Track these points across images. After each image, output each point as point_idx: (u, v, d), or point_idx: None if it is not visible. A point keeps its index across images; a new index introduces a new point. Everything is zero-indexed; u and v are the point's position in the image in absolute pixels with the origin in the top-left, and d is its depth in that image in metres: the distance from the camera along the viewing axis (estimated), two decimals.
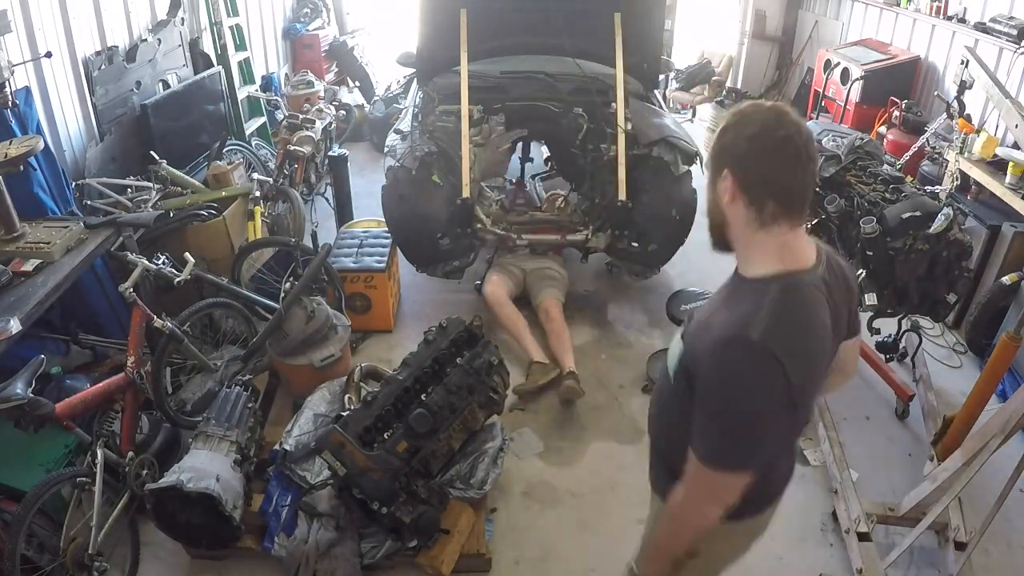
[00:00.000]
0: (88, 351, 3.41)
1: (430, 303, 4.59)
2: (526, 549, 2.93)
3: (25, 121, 3.24)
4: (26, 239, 3.03)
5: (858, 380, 3.96)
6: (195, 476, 2.52)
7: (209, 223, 3.87)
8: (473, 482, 2.91)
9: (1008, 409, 2.40)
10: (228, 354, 3.59)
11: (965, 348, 4.19)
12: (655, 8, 4.51)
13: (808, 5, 7.91)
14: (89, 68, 3.91)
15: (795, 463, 1.86)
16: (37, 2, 3.50)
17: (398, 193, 3.94)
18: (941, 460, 2.76)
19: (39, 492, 2.38)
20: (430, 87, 4.64)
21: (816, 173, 1.48)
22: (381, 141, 5.83)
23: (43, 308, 2.77)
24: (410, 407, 2.73)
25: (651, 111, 4.36)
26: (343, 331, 3.53)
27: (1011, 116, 3.53)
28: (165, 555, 2.86)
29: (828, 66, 6.44)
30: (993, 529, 2.60)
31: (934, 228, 3.00)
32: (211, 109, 5.04)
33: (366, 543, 2.70)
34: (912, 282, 3.14)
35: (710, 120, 7.40)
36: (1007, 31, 4.63)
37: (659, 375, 1.85)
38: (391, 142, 4.19)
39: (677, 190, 3.99)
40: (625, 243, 4.11)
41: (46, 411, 2.48)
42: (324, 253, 3.69)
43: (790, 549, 2.95)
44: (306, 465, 2.85)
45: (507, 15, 4.44)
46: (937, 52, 5.71)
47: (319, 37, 7.43)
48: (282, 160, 4.97)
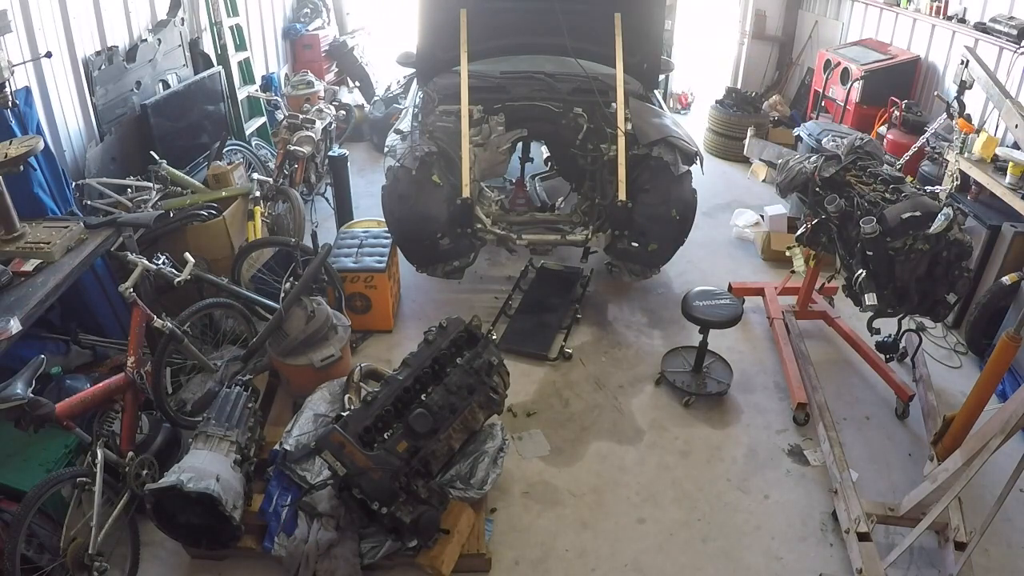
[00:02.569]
0: (88, 351, 3.42)
1: (430, 303, 4.59)
2: (526, 549, 2.94)
3: (25, 121, 3.24)
4: (26, 239, 3.03)
5: (858, 380, 3.97)
6: (195, 476, 2.52)
7: (209, 223, 3.87)
8: (473, 482, 2.91)
9: (1008, 409, 2.40)
10: (228, 354, 3.59)
11: (965, 348, 4.20)
12: (655, 8, 4.51)
13: (808, 5, 7.91)
14: (89, 68, 3.91)
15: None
16: (37, 2, 3.50)
17: (398, 193, 3.94)
18: (941, 460, 2.76)
19: (39, 492, 2.38)
20: (430, 87, 4.64)
21: None
22: (381, 141, 5.83)
23: (43, 308, 2.77)
24: (410, 407, 2.73)
25: (651, 111, 4.36)
26: (343, 331, 3.53)
27: (1011, 116, 3.53)
28: (165, 555, 2.86)
29: (828, 66, 6.44)
30: (993, 529, 2.60)
31: (934, 228, 3.00)
32: (211, 109, 5.04)
33: (366, 543, 2.70)
34: (912, 282, 3.13)
35: (709, 120, 7.39)
36: (1007, 31, 4.63)
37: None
38: (391, 142, 4.19)
39: (677, 190, 3.99)
40: (625, 243, 4.11)
41: (46, 411, 2.48)
42: (324, 253, 3.69)
43: (790, 549, 2.96)
44: (306, 465, 2.85)
45: (507, 15, 4.45)
46: (937, 52, 5.71)
47: (319, 37, 7.43)
48: (282, 160, 4.97)
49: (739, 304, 3.74)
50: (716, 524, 3.07)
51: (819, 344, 4.22)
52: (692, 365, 3.87)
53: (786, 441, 3.53)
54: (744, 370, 4.01)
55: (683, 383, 3.78)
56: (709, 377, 3.82)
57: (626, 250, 4.14)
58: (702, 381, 3.79)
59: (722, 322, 3.62)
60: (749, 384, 3.93)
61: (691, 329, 4.37)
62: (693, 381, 3.79)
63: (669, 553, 2.93)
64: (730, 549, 2.96)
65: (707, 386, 3.77)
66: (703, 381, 3.79)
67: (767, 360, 4.07)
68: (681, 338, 4.30)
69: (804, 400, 3.61)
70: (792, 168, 3.79)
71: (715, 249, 5.22)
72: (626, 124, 4.15)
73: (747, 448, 3.49)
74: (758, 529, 3.05)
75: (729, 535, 3.02)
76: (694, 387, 3.76)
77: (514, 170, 5.41)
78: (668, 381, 3.83)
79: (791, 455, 3.45)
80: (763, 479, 3.31)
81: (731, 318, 3.62)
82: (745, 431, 3.60)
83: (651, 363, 4.08)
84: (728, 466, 3.38)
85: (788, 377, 3.79)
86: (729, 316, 3.62)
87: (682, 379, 3.81)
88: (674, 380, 3.80)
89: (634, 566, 2.87)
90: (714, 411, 3.73)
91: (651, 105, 4.53)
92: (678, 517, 3.10)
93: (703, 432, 3.58)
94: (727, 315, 3.63)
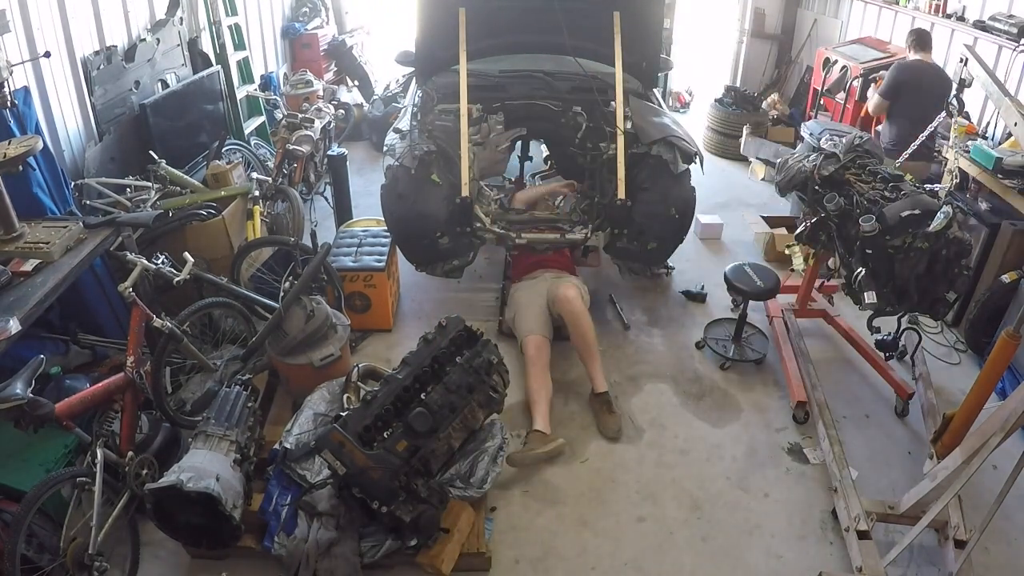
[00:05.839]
0: (88, 351, 3.41)
1: (429, 302, 4.59)
2: (526, 548, 2.94)
3: (24, 121, 3.24)
4: (25, 239, 3.02)
5: (858, 378, 3.97)
6: (195, 476, 2.51)
7: (208, 223, 3.87)
8: (473, 481, 2.91)
9: (1008, 407, 2.40)
10: (228, 353, 3.59)
11: (965, 346, 4.20)
12: (654, 6, 4.51)
13: (807, 3, 7.91)
14: (88, 68, 3.90)
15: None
16: (36, 2, 3.50)
17: (397, 192, 3.93)
18: (941, 458, 2.76)
19: (39, 492, 2.37)
20: (429, 86, 4.64)
21: None
22: (380, 140, 5.84)
23: (42, 308, 2.76)
24: (410, 406, 2.72)
25: (650, 110, 4.36)
26: (342, 330, 3.53)
27: (1010, 114, 3.53)
28: (165, 555, 2.86)
29: (827, 64, 6.44)
30: (993, 527, 2.60)
31: (933, 226, 2.99)
32: (210, 108, 5.04)
33: (366, 542, 2.70)
34: (911, 280, 3.13)
35: (708, 118, 7.39)
36: (1006, 29, 4.63)
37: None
38: (390, 141, 4.18)
39: (676, 189, 3.99)
40: (624, 242, 4.11)
41: (46, 411, 2.48)
42: (323, 252, 3.69)
43: (790, 547, 2.96)
44: (306, 464, 2.85)
45: (506, 14, 4.44)
46: (936, 50, 5.71)
47: (318, 36, 7.43)
48: (281, 159, 4.97)
49: (776, 278, 4.03)
50: (716, 522, 3.07)
51: (819, 342, 4.22)
52: (732, 334, 4.15)
53: (786, 439, 3.53)
54: (744, 368, 4.02)
55: (723, 349, 4.10)
56: (748, 347, 4.11)
57: (625, 249, 4.14)
58: (741, 349, 4.09)
59: (761, 293, 3.95)
60: (749, 382, 3.93)
61: (691, 328, 4.38)
62: (733, 348, 4.10)
63: (669, 552, 2.94)
64: (730, 547, 2.96)
65: (745, 353, 4.07)
66: (742, 349, 4.09)
67: (767, 358, 4.07)
68: (681, 336, 4.30)
69: (804, 398, 3.61)
70: (791, 167, 3.79)
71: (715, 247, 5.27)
72: (625, 123, 4.15)
73: (747, 446, 3.49)
74: (758, 527, 3.05)
75: (729, 533, 3.02)
76: (734, 354, 4.05)
77: (513, 169, 5.41)
78: (710, 347, 4.14)
79: (791, 453, 3.45)
80: (763, 477, 3.31)
81: (768, 290, 3.95)
82: (745, 429, 3.60)
83: (651, 361, 4.08)
84: (728, 464, 3.38)
85: (788, 375, 3.79)
86: (767, 289, 3.95)
87: (723, 345, 4.12)
88: (715, 346, 4.13)
89: (634, 565, 2.88)
90: (713, 410, 3.73)
91: (650, 104, 4.53)
92: (678, 515, 3.10)
93: (703, 430, 3.59)
94: (765, 288, 3.95)
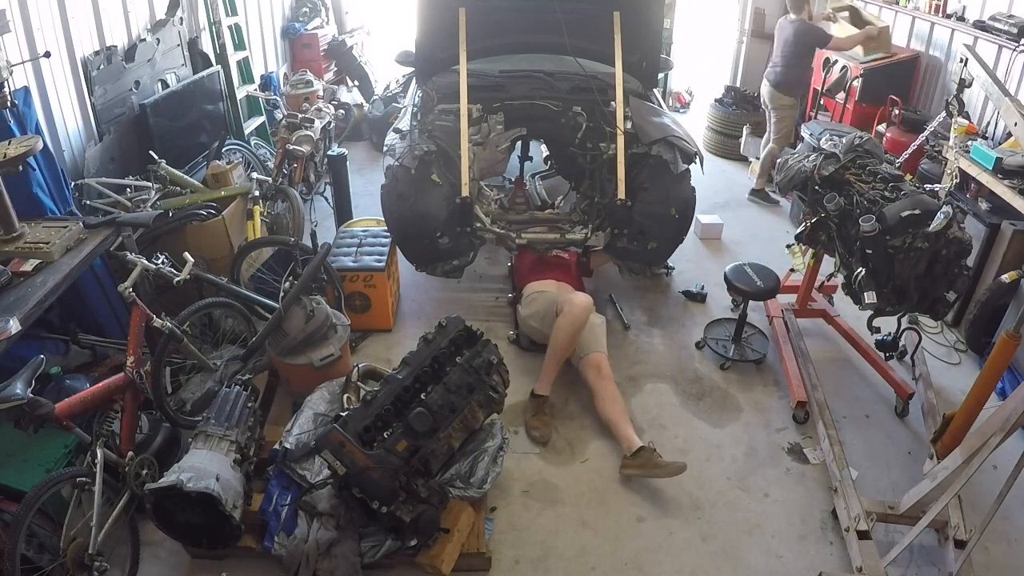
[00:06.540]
0: (88, 351, 3.41)
1: (429, 302, 4.59)
2: (526, 548, 2.94)
3: (24, 121, 3.24)
4: (25, 239, 3.02)
5: (858, 378, 3.97)
6: (195, 476, 2.51)
7: (208, 223, 3.87)
8: (473, 481, 2.91)
9: (1007, 407, 2.41)
10: (228, 354, 3.59)
11: (965, 346, 4.20)
12: (654, 6, 4.51)
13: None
14: (88, 68, 3.90)
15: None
16: (36, 2, 3.50)
17: (397, 192, 3.93)
18: (941, 458, 2.76)
19: (39, 492, 2.37)
20: (429, 86, 4.64)
21: None
22: (380, 140, 5.84)
23: (42, 308, 2.76)
24: (410, 406, 2.72)
25: (651, 110, 4.36)
26: (342, 330, 3.53)
27: (1010, 114, 3.53)
28: (165, 555, 2.86)
29: (827, 64, 6.44)
30: (993, 527, 2.60)
31: (933, 226, 2.99)
32: (210, 109, 5.04)
33: (366, 542, 2.69)
34: (911, 280, 3.13)
35: (708, 118, 7.39)
36: (1006, 29, 4.63)
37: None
38: (390, 141, 4.18)
39: (676, 188, 3.99)
40: (624, 242, 4.11)
41: (46, 411, 2.47)
42: (323, 252, 3.69)
43: (790, 547, 2.96)
44: (306, 464, 2.85)
45: (506, 14, 4.44)
46: (936, 50, 5.71)
47: (318, 36, 7.42)
48: (281, 159, 4.96)
49: (776, 278, 4.02)
50: (716, 522, 3.07)
51: (819, 342, 4.22)
52: (732, 334, 4.14)
53: (786, 439, 3.53)
54: (744, 369, 4.02)
55: (723, 349, 4.08)
56: (748, 347, 4.09)
57: (625, 249, 4.14)
58: (741, 349, 4.08)
59: (761, 293, 3.94)
60: (749, 382, 3.93)
61: (691, 328, 4.38)
62: (733, 348, 4.08)
63: (669, 552, 2.94)
64: (730, 547, 2.96)
65: (745, 353, 4.05)
66: (742, 349, 4.08)
67: (767, 358, 4.07)
68: (681, 336, 4.30)
69: (804, 398, 3.61)
70: (791, 167, 3.79)
71: (715, 247, 5.28)
72: (625, 123, 4.15)
73: (747, 446, 3.49)
74: (758, 527, 3.05)
75: (729, 533, 3.02)
76: (734, 354, 4.03)
77: (513, 169, 5.41)
78: (709, 347, 4.12)
79: (791, 453, 3.45)
80: (763, 477, 3.31)
81: (768, 290, 3.94)
82: (745, 429, 3.60)
83: (651, 361, 4.08)
84: (728, 464, 3.38)
85: (788, 375, 3.79)
86: (766, 289, 3.94)
87: (723, 345, 4.10)
88: (715, 346, 4.11)
89: (634, 565, 2.88)
90: (713, 410, 3.73)
91: (650, 104, 4.52)
92: (678, 516, 3.10)
93: (703, 430, 3.59)
94: (765, 288, 3.94)
